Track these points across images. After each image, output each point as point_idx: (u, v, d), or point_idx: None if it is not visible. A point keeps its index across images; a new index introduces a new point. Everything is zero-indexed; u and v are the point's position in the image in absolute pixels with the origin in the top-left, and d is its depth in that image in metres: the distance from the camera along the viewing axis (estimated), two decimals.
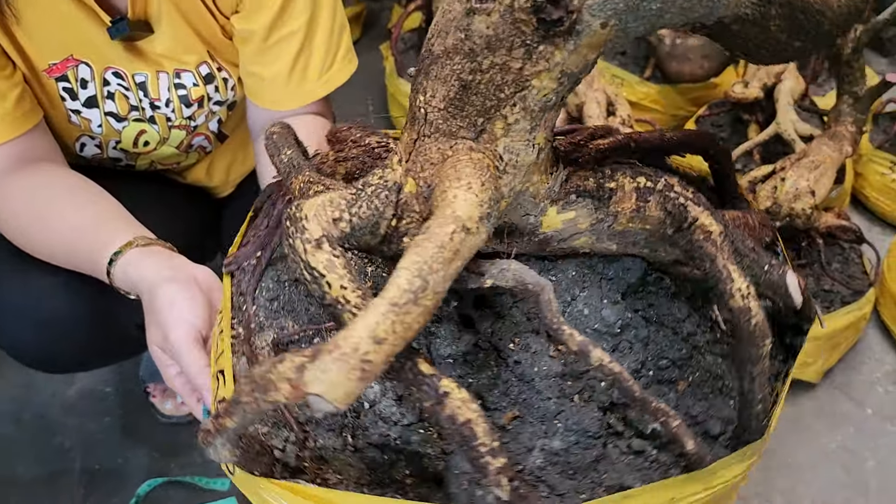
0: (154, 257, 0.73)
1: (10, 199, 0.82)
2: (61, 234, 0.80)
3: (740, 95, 1.45)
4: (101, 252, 0.75)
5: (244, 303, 0.56)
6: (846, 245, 1.34)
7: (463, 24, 0.40)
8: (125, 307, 0.91)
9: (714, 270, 0.48)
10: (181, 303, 0.67)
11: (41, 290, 0.87)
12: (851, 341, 1.33)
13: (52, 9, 0.80)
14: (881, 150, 1.57)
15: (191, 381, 0.67)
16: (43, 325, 0.88)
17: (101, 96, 0.88)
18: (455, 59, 0.41)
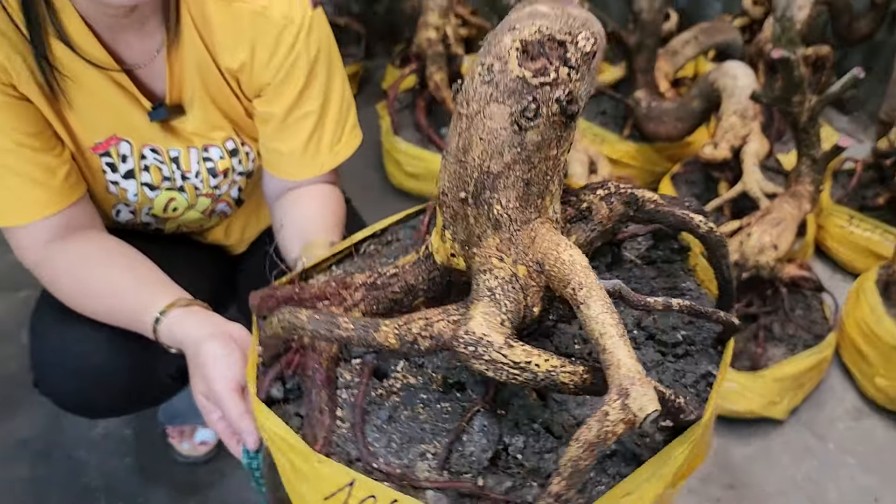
0: (195, 317, 0.84)
1: (61, 264, 0.93)
2: (108, 296, 0.92)
3: (710, 156, 1.60)
4: (147, 312, 0.86)
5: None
6: (808, 293, 1.47)
7: (516, 140, 0.51)
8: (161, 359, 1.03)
9: (676, 219, 0.64)
10: (222, 358, 0.78)
11: (85, 344, 0.98)
12: (815, 381, 1.45)
13: (100, 95, 0.93)
14: (840, 204, 1.71)
15: (232, 424, 0.78)
16: (86, 376, 0.99)
17: (139, 169, 1.01)
18: (516, 169, 0.51)
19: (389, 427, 0.58)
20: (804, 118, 1.38)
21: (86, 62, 0.89)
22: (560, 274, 0.51)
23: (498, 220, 0.51)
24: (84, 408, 1.06)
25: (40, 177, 0.91)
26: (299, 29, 0.94)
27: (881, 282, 1.47)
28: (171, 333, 0.85)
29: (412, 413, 0.60)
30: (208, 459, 1.39)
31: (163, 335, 0.86)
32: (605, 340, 0.48)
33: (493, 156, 0.49)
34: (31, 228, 0.92)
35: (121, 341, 0.97)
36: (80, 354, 0.98)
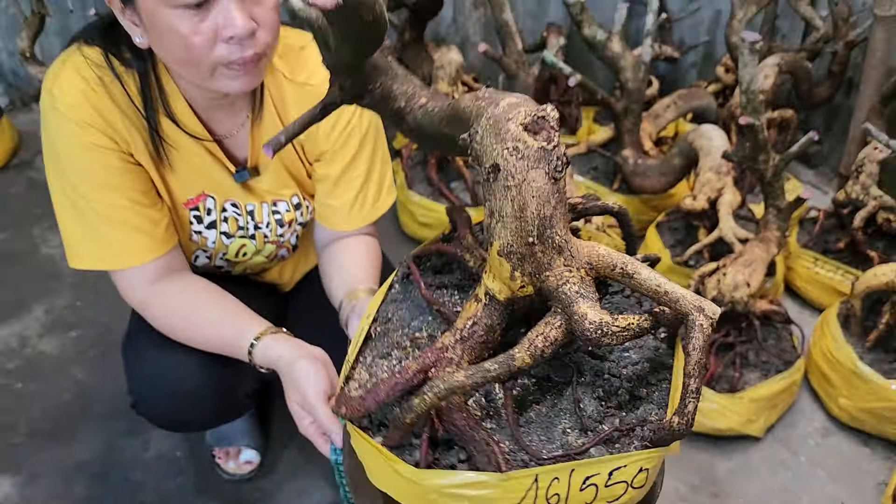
0: (285, 342, 1.04)
1: (166, 301, 1.13)
2: (207, 327, 1.11)
3: (690, 207, 1.82)
4: (243, 339, 1.06)
5: None
6: (779, 325, 1.68)
7: (554, 189, 0.65)
8: (241, 381, 1.24)
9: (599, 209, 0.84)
10: (313, 374, 0.98)
11: (179, 370, 1.17)
12: (787, 403, 1.65)
13: (195, 160, 1.14)
14: (806, 248, 1.94)
15: (322, 427, 0.97)
16: (180, 398, 1.18)
17: (220, 220, 1.21)
18: (559, 207, 0.66)
19: (529, 428, 0.73)
20: (769, 174, 1.60)
21: (186, 134, 1.11)
22: (607, 263, 0.70)
23: (560, 246, 0.68)
24: (177, 424, 1.25)
25: (147, 227, 1.11)
26: (355, 108, 1.16)
27: (842, 315, 1.68)
28: (266, 356, 1.05)
29: (535, 410, 0.75)
30: (252, 477, 1.55)
31: (257, 357, 1.06)
32: (663, 287, 0.68)
33: (544, 204, 0.65)
34: (139, 270, 1.12)
35: (209, 367, 1.16)
36: (176, 380, 1.17)
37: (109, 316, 1.96)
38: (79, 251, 1.12)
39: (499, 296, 0.72)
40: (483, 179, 0.68)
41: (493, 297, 0.73)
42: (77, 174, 1.06)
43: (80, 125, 1.04)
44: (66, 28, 2.82)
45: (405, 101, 0.77)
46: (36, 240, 2.29)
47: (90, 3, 2.78)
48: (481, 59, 2.74)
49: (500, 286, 0.72)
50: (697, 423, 1.57)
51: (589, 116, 2.57)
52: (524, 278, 0.69)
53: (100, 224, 1.09)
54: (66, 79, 1.05)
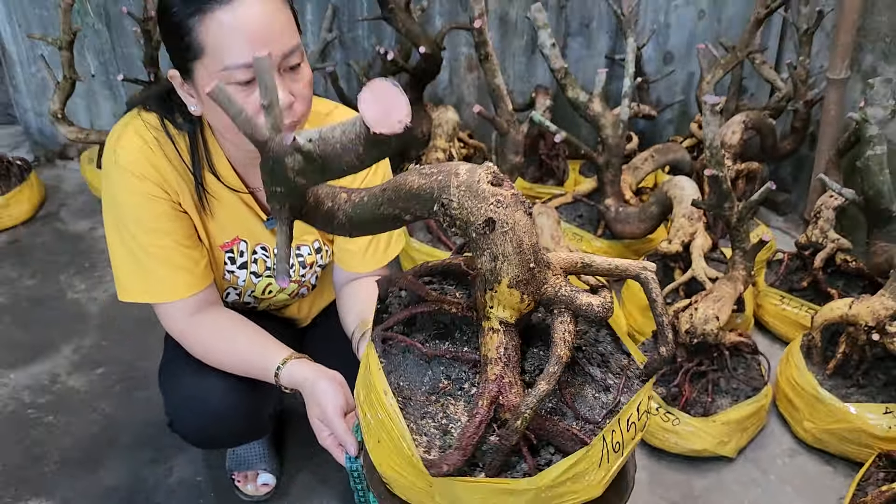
0: (307, 366, 1.21)
1: (201, 329, 1.30)
2: (239, 354, 1.28)
3: (666, 250, 2.01)
4: (271, 363, 1.23)
5: None
6: (748, 356, 1.85)
7: (531, 222, 0.80)
8: (265, 403, 1.40)
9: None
10: (331, 392, 1.14)
11: (212, 394, 1.33)
12: (757, 426, 1.80)
13: (232, 209, 1.32)
14: (773, 287, 2.12)
15: (339, 439, 1.13)
16: (212, 416, 1.33)
17: (250, 261, 1.39)
18: (544, 233, 0.82)
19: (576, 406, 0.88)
20: (734, 219, 1.80)
21: (226, 187, 1.29)
22: (571, 262, 0.87)
23: (547, 261, 0.85)
24: (207, 441, 1.41)
25: (189, 266, 1.28)
26: (372, 167, 1.35)
27: (804, 346, 1.85)
28: (291, 377, 1.21)
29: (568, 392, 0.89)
30: (268, 499, 1.69)
31: (283, 379, 1.22)
32: (614, 264, 0.86)
33: (532, 235, 0.80)
34: (180, 304, 1.29)
35: (238, 390, 1.33)
36: (208, 401, 1.33)
37: (133, 354, 2.12)
38: (128, 286, 1.29)
39: (510, 320, 0.85)
40: (478, 234, 0.78)
41: (507, 323, 0.85)
42: (132, 219, 1.24)
43: (137, 177, 1.22)
44: (89, 91, 3.05)
45: (331, 201, 0.85)
46: (63, 285, 2.46)
47: (112, 69, 3.01)
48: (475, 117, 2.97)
49: (510, 312, 0.85)
50: (674, 444, 1.73)
51: (575, 169, 2.78)
52: (529, 298, 0.84)
53: (148, 262, 1.26)
54: (128, 139, 1.23)
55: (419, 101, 2.68)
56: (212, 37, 1.07)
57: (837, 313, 1.74)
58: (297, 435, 1.82)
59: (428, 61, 2.51)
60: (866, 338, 1.69)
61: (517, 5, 2.79)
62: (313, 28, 2.88)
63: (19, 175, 2.75)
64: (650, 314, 1.49)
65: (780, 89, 2.44)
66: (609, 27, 2.82)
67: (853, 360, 1.76)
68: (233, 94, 0.70)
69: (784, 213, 2.69)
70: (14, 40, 2.95)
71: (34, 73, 3.03)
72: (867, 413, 1.67)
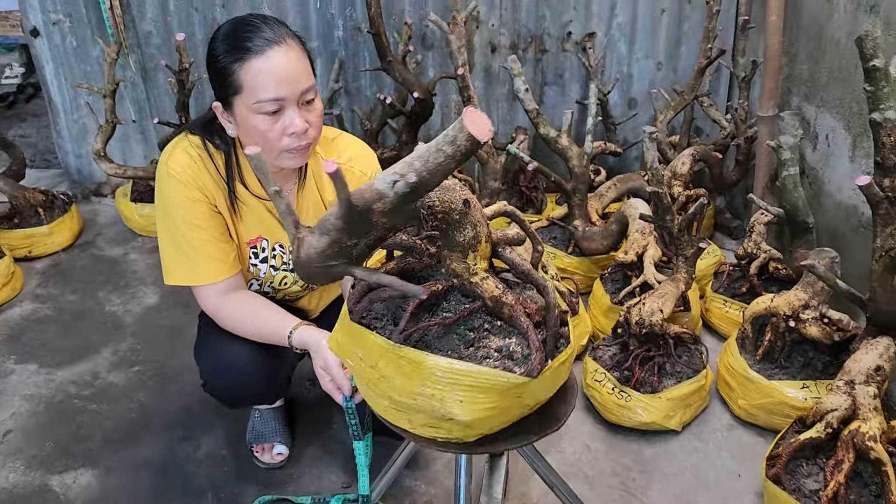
0: (313, 329, 1.53)
1: (230, 305, 1.63)
2: (258, 322, 1.61)
3: (623, 259, 2.35)
4: (284, 329, 1.55)
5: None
6: (690, 345, 2.17)
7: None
8: (281, 367, 1.72)
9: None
10: None
11: (239, 356, 1.65)
12: (700, 404, 2.11)
13: (257, 213, 1.67)
14: (718, 293, 2.45)
15: (337, 382, 1.44)
16: (239, 376, 1.66)
17: (270, 257, 1.73)
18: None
19: None
20: (675, 230, 2.14)
21: (253, 196, 1.64)
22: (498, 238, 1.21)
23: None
24: (235, 398, 1.73)
25: (222, 257, 1.62)
26: (369, 177, 1.71)
27: (739, 338, 2.17)
28: (301, 339, 1.54)
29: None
30: (282, 465, 1.99)
31: (294, 340, 1.55)
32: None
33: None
34: (214, 286, 1.62)
35: (259, 355, 1.65)
36: (235, 364, 1.66)
37: (163, 356, 2.45)
38: (173, 271, 1.63)
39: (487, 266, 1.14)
40: (460, 214, 1.03)
41: (488, 269, 1.13)
42: (178, 217, 1.59)
43: (184, 184, 1.57)
44: (124, 135, 3.45)
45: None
46: (101, 300, 2.80)
47: (146, 115, 3.42)
48: None
49: (485, 262, 1.12)
50: (627, 419, 2.04)
51: (552, 200, 3.14)
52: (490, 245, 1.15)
53: (190, 252, 1.60)
54: (177, 155, 1.59)
55: (413, 141, 3.06)
56: (249, 78, 1.43)
57: (762, 306, 2.07)
58: (306, 416, 2.14)
59: (422, 106, 2.90)
60: (785, 325, 2.01)
61: (499, 59, 3.21)
62: (322, 79, 3.29)
63: (62, 208, 3.12)
64: (612, 315, 1.88)
65: (725, 128, 2.82)
66: (579, 77, 3.23)
67: (777, 346, 2.07)
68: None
69: (736, 238, 3.03)
70: (59, 91, 3.37)
71: (76, 120, 3.44)
72: (787, 388, 1.99)
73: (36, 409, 2.22)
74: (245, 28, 1.44)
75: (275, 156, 1.50)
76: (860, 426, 1.66)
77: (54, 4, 3.20)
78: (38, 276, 2.96)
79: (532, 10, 3.13)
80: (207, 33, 3.21)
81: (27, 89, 5.39)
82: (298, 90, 1.44)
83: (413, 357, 1.06)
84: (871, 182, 1.55)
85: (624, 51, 3.17)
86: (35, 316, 2.70)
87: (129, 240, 3.25)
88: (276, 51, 1.42)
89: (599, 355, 2.18)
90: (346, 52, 3.28)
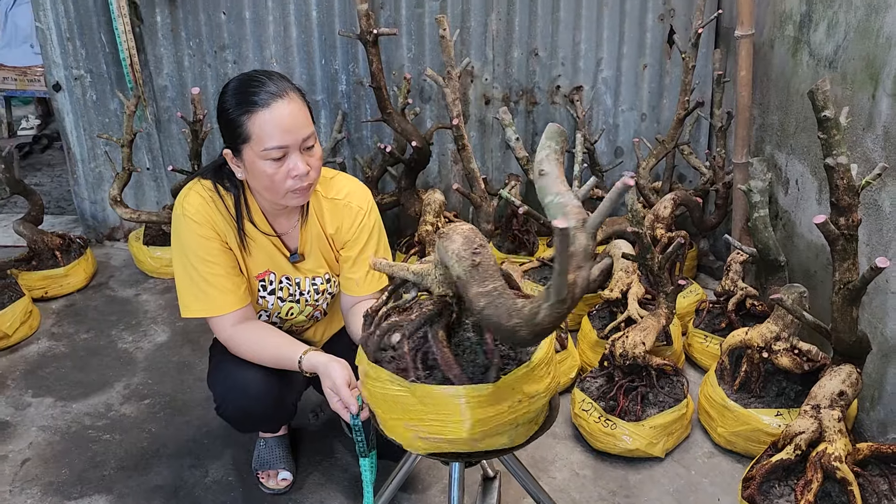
0: (322, 354, 1.66)
1: (242, 334, 1.77)
2: (269, 349, 1.74)
3: (608, 296, 2.50)
4: (295, 354, 1.68)
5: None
6: (672, 377, 2.30)
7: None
8: (289, 392, 1.85)
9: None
10: (340, 369, 1.59)
11: (250, 382, 1.78)
12: (682, 432, 2.23)
13: (264, 248, 1.82)
14: (699, 329, 2.59)
15: (344, 401, 1.57)
16: (251, 400, 1.78)
17: (277, 289, 1.88)
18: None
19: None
20: (656, 268, 2.30)
21: (260, 232, 1.80)
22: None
23: None
24: (247, 421, 1.85)
25: (233, 289, 1.77)
26: (366, 212, 1.85)
27: (717, 370, 2.30)
28: (310, 362, 1.67)
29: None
30: (287, 491, 2.10)
31: (304, 364, 1.68)
32: None
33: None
34: (228, 317, 1.76)
35: (269, 381, 1.78)
36: (247, 389, 1.78)
37: (173, 389, 2.57)
38: (189, 305, 1.78)
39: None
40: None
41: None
42: (192, 253, 1.74)
43: (197, 223, 1.73)
44: (137, 182, 3.63)
45: None
46: (114, 338, 2.93)
47: (159, 164, 3.61)
48: (461, 200, 3.53)
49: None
50: (613, 445, 2.15)
51: (544, 242, 3.31)
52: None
53: (204, 286, 1.75)
54: (191, 197, 1.75)
55: (412, 187, 3.24)
56: (256, 129, 1.60)
57: (738, 338, 2.21)
58: (310, 445, 2.26)
59: (420, 154, 3.09)
60: (759, 356, 2.15)
61: (492, 111, 3.42)
62: (326, 130, 3.49)
63: (78, 251, 3.29)
64: (599, 349, 2.02)
65: (705, 174, 3.00)
66: (568, 127, 3.43)
67: (753, 377, 2.20)
68: None
69: (719, 278, 3.17)
70: (78, 142, 3.57)
71: (92, 169, 3.63)
72: (763, 416, 2.11)
73: (52, 438, 2.33)
74: (252, 84, 1.61)
75: (280, 196, 1.66)
76: (826, 447, 1.78)
77: (77, 61, 3.42)
78: (54, 316, 3.10)
79: (523, 65, 3.35)
80: (219, 87, 3.42)
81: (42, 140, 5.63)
82: (300, 138, 1.61)
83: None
84: (827, 220, 1.71)
85: (609, 103, 3.38)
86: (51, 352, 2.83)
87: (140, 281, 3.40)
88: (280, 103, 1.59)
89: (586, 386, 2.31)
90: (349, 105, 3.49)
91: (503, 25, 3.30)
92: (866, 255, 2.11)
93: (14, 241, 3.60)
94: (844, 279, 1.78)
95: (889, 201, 2.01)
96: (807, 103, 2.49)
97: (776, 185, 2.71)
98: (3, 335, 2.80)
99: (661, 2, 3.21)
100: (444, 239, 1.21)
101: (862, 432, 2.17)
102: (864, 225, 2.10)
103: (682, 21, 3.21)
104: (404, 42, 3.36)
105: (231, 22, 3.36)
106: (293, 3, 3.32)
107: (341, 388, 1.57)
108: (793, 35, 2.57)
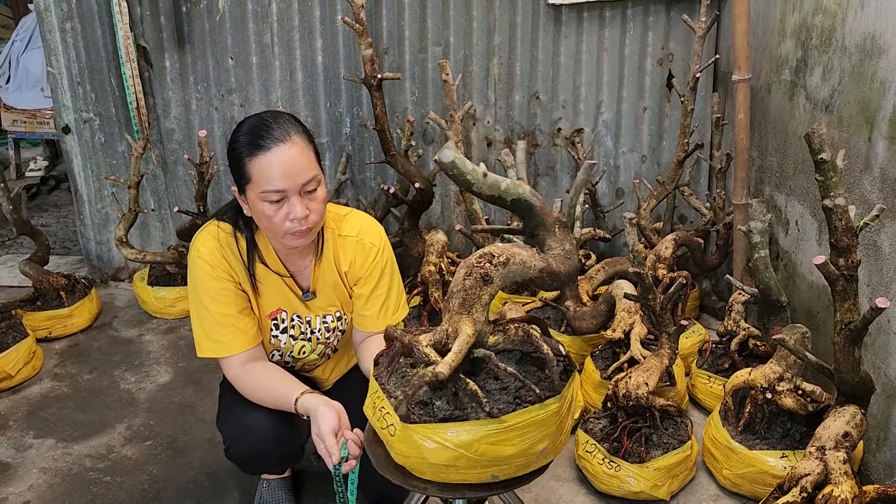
0: (316, 396, 1.65)
1: (249, 375, 1.77)
2: (270, 391, 1.74)
3: (611, 336, 2.50)
4: (291, 395, 1.67)
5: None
6: (676, 418, 2.29)
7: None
8: (297, 435, 1.85)
9: (539, 347, 1.45)
10: (328, 416, 1.56)
11: (259, 424, 1.78)
12: (687, 475, 2.21)
13: (276, 287, 1.83)
14: (702, 369, 2.59)
15: (328, 450, 1.55)
16: (260, 442, 1.78)
17: (289, 327, 1.89)
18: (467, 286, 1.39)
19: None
20: (658, 308, 2.31)
21: (272, 272, 1.82)
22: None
23: (449, 310, 1.38)
24: (256, 462, 1.85)
25: (244, 329, 1.78)
26: (379, 249, 1.86)
27: (722, 411, 2.30)
28: (305, 406, 1.66)
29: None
30: None
31: (299, 407, 1.67)
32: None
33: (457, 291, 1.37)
34: (238, 357, 1.77)
35: (278, 423, 1.78)
36: (257, 431, 1.78)
37: (175, 431, 2.56)
38: (202, 345, 1.79)
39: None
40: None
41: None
42: (206, 295, 1.76)
43: (211, 266, 1.75)
44: (143, 223, 3.67)
45: None
46: (116, 378, 2.93)
47: (164, 205, 3.65)
48: (463, 240, 3.56)
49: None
50: (618, 488, 2.13)
51: None
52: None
53: (216, 327, 1.76)
54: (205, 239, 1.77)
55: (415, 227, 3.27)
56: (256, 171, 1.63)
57: (741, 379, 2.21)
58: (312, 487, 2.24)
59: (422, 195, 3.13)
60: (762, 397, 2.14)
61: (494, 153, 3.46)
62: (330, 171, 3.54)
63: (83, 291, 3.30)
64: (602, 390, 2.04)
65: (705, 215, 3.03)
66: (570, 169, 3.48)
67: (757, 418, 2.19)
68: None
69: (721, 319, 3.18)
70: (86, 183, 3.61)
71: (99, 210, 3.67)
72: (768, 458, 2.10)
73: (53, 480, 2.32)
74: (260, 126, 1.64)
75: (279, 237, 1.69)
76: (833, 490, 1.77)
77: (87, 104, 3.49)
78: (57, 356, 3.10)
79: (524, 108, 3.41)
80: (226, 129, 3.48)
81: (49, 181, 5.70)
82: (299, 183, 1.63)
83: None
84: (827, 261, 1.73)
85: (610, 145, 3.43)
86: (53, 393, 2.83)
87: (144, 322, 3.41)
88: (281, 148, 1.61)
89: (590, 427, 2.30)
90: (353, 147, 3.54)
91: (505, 70, 3.37)
92: (867, 295, 2.12)
93: (20, 282, 3.62)
94: (846, 319, 1.79)
95: (888, 242, 2.03)
96: (804, 145, 2.52)
97: (776, 225, 2.73)
98: (6, 376, 2.80)
99: (659, 47, 3.28)
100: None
101: (868, 474, 2.15)
102: (865, 265, 2.11)
103: (680, 65, 3.28)
104: (408, 86, 3.42)
105: (238, 66, 3.43)
106: (299, 49, 3.40)
107: (326, 436, 1.54)
108: (789, 79, 2.62)
